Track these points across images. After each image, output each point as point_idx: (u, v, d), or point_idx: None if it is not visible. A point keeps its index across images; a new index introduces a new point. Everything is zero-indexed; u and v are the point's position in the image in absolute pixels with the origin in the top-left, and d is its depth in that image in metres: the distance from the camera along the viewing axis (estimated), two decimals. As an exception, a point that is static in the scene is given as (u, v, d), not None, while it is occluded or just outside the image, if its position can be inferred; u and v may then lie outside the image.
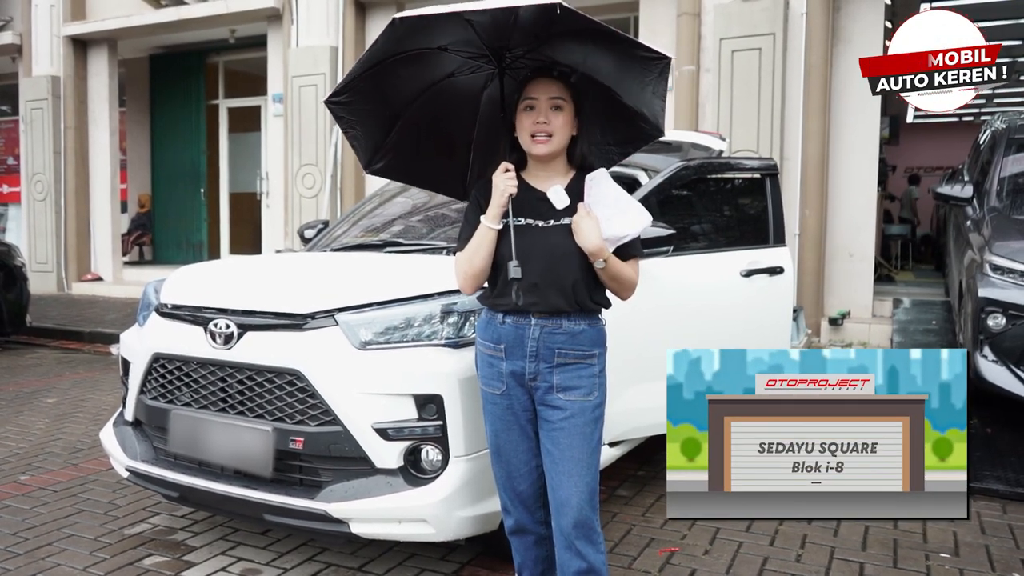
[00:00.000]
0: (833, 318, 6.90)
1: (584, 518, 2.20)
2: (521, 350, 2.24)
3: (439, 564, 2.98)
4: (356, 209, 4.28)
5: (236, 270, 3.41)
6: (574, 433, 2.21)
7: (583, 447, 2.22)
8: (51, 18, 11.03)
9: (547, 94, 2.23)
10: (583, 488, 2.20)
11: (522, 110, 2.26)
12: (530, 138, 2.24)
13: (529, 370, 2.24)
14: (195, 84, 12.15)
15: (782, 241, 3.83)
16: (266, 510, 2.65)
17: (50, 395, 5.73)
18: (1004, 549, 3.16)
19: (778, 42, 6.90)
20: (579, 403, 2.22)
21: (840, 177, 7.06)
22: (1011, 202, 5.14)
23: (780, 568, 2.98)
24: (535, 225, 2.23)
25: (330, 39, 8.99)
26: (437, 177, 2.66)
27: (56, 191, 11.08)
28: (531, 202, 2.26)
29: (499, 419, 2.32)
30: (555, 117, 2.22)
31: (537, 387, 2.25)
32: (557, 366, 2.22)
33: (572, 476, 2.20)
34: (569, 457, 2.21)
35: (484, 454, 2.57)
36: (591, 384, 2.24)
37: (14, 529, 3.30)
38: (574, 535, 2.19)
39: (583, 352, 2.24)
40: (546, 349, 2.22)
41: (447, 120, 2.50)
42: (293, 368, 2.61)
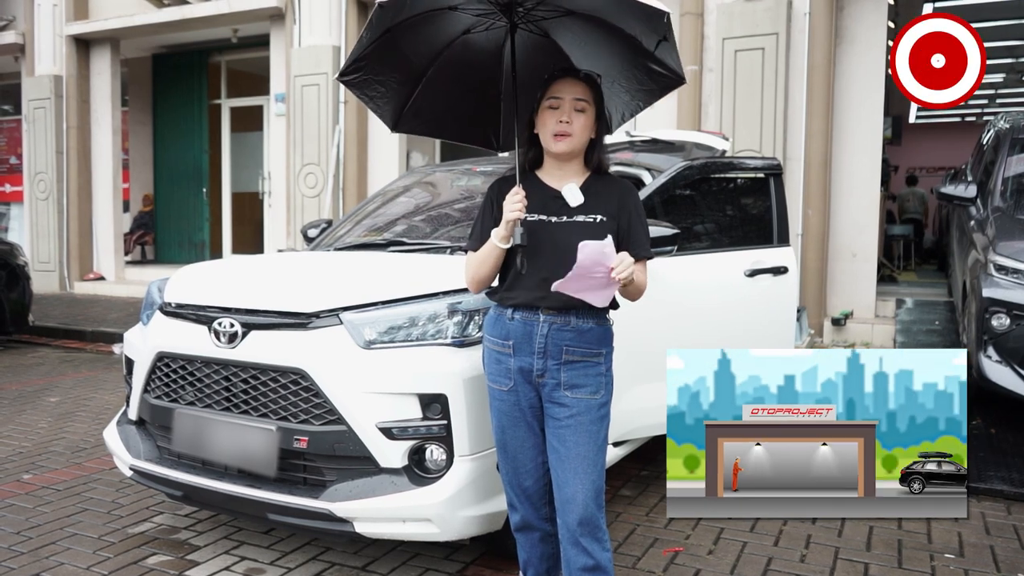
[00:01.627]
0: (836, 318, 6.90)
1: (589, 515, 2.21)
2: (529, 346, 2.25)
3: (443, 564, 2.98)
4: (359, 208, 4.28)
5: (240, 269, 3.41)
6: (580, 431, 2.23)
7: (589, 445, 2.23)
8: (54, 17, 11.04)
9: (572, 94, 2.25)
10: (588, 486, 2.21)
11: (545, 108, 2.28)
12: (551, 136, 2.26)
13: (537, 366, 2.25)
14: (197, 83, 12.16)
15: (786, 241, 3.83)
16: (270, 509, 2.65)
17: (53, 394, 5.73)
18: (1009, 550, 3.15)
19: (781, 42, 6.90)
20: (585, 401, 2.24)
21: (843, 177, 7.05)
22: (1015, 202, 5.13)
23: (784, 568, 2.97)
24: (547, 221, 2.25)
25: (332, 39, 9.00)
26: (467, 129, 2.69)
27: (58, 190, 11.08)
28: (544, 199, 2.27)
29: (506, 415, 2.33)
30: (577, 118, 2.26)
31: (544, 384, 2.26)
32: (565, 363, 2.24)
33: (578, 474, 2.21)
34: (575, 455, 2.22)
35: (489, 453, 2.57)
36: (597, 382, 2.26)
37: (18, 528, 3.30)
38: (579, 532, 2.21)
39: (590, 350, 2.26)
40: (554, 346, 2.23)
41: (471, 75, 2.52)
42: (297, 367, 2.61)
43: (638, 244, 2.29)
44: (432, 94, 2.55)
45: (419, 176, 4.42)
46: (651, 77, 2.38)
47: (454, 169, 4.31)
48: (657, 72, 2.37)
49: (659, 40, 2.24)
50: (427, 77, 2.49)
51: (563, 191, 2.27)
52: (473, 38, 2.44)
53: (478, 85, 2.56)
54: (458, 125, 2.69)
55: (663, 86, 2.42)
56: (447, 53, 2.45)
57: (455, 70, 2.49)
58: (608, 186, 2.33)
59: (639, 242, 2.29)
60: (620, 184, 2.38)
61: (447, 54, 2.46)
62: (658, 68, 2.36)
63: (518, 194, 2.20)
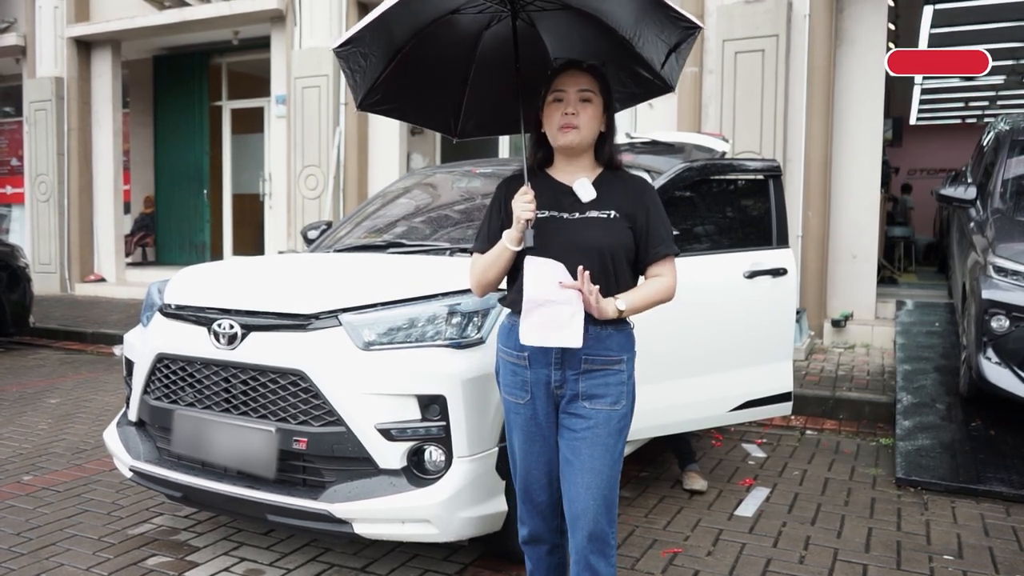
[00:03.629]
0: (836, 320, 6.89)
1: (599, 531, 2.11)
2: (546, 357, 2.14)
3: (442, 565, 2.98)
4: (359, 210, 4.28)
5: (240, 271, 3.41)
6: (596, 444, 2.11)
7: (604, 458, 2.11)
8: (55, 19, 11.05)
9: (576, 86, 2.17)
10: (600, 501, 2.10)
11: (550, 102, 2.19)
12: (557, 129, 2.17)
13: (555, 378, 2.14)
14: (198, 85, 12.17)
15: (785, 242, 3.83)
16: (269, 510, 2.65)
17: (53, 395, 5.74)
18: (1008, 551, 3.15)
19: (781, 43, 6.90)
20: (605, 412, 2.13)
21: (843, 179, 7.05)
22: (1015, 204, 5.13)
23: (783, 570, 2.97)
24: (558, 217, 2.16)
25: (333, 40, 8.93)
26: (427, 112, 2.64)
27: (59, 192, 11.09)
28: (556, 195, 2.19)
29: (523, 430, 2.22)
30: (583, 109, 2.16)
31: (563, 395, 2.15)
32: (584, 372, 2.12)
33: (590, 489, 2.10)
34: (589, 468, 2.10)
35: (488, 455, 2.58)
36: (618, 392, 2.15)
37: (18, 529, 3.31)
38: (588, 549, 2.10)
39: (611, 357, 2.14)
40: (572, 355, 2.12)
41: (443, 55, 2.43)
42: (297, 368, 2.61)
43: (660, 241, 2.18)
44: (400, 71, 2.44)
45: (419, 178, 4.43)
46: (635, 81, 2.37)
47: (454, 171, 4.32)
48: (643, 76, 2.35)
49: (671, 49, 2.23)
50: (401, 53, 2.37)
51: (574, 186, 2.17)
52: (457, 19, 2.34)
53: (448, 69, 2.48)
54: (418, 106, 2.60)
55: (647, 91, 2.41)
56: (427, 30, 2.35)
57: (429, 50, 2.40)
58: (623, 182, 2.23)
59: (661, 239, 2.18)
60: (636, 180, 2.28)
61: (426, 31, 2.35)
62: (645, 73, 2.35)
63: (528, 193, 2.09)
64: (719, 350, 3.61)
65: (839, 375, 5.74)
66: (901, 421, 4.50)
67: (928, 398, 4.83)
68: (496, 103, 2.54)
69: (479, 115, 2.61)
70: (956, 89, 13.10)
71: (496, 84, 2.50)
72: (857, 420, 5.06)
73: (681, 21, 2.17)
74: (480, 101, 2.57)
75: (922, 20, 8.88)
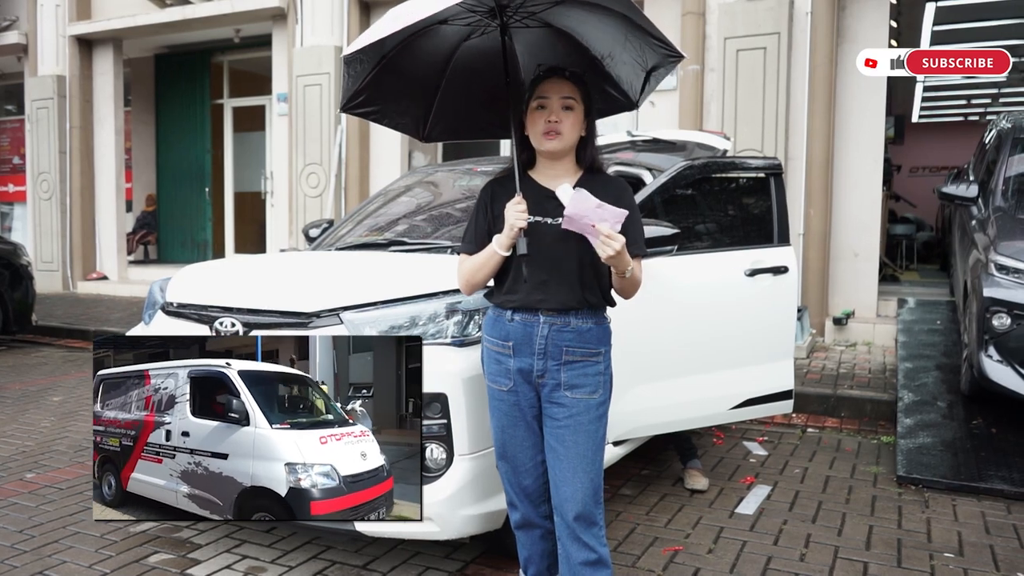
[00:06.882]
0: (838, 318, 6.89)
1: (587, 512, 2.23)
2: (530, 347, 2.27)
3: (443, 562, 2.99)
4: (360, 208, 4.29)
5: (241, 269, 3.42)
6: (579, 430, 2.24)
7: (587, 444, 2.25)
8: (56, 18, 11.06)
9: (559, 93, 2.27)
10: (587, 484, 2.24)
11: (534, 108, 2.29)
12: (541, 135, 2.27)
13: (537, 367, 2.27)
14: (200, 83, 12.18)
15: (786, 240, 3.82)
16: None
17: (56, 393, 5.75)
18: (1008, 549, 3.15)
19: (783, 41, 6.89)
20: (584, 401, 2.26)
21: (845, 176, 7.05)
22: (1016, 202, 5.12)
23: (784, 567, 2.98)
24: (544, 222, 2.26)
25: (335, 39, 9.00)
26: (400, 114, 2.73)
27: (61, 190, 11.11)
28: (539, 200, 2.28)
29: (505, 415, 2.35)
30: (566, 116, 2.27)
31: (544, 384, 2.28)
32: (565, 363, 2.26)
33: (577, 473, 2.23)
34: (574, 454, 2.24)
35: (488, 452, 2.58)
36: (596, 382, 2.28)
37: (21, 526, 3.32)
38: (578, 528, 2.23)
39: (590, 350, 2.27)
40: (554, 347, 2.25)
41: (423, 62, 2.54)
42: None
43: (632, 241, 2.27)
44: (451, 101, 2.63)
45: (421, 176, 4.43)
46: (602, 97, 2.50)
47: (455, 169, 4.32)
48: (609, 94, 2.52)
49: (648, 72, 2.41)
50: (386, 59, 2.45)
51: (557, 191, 2.26)
52: (443, 29, 2.44)
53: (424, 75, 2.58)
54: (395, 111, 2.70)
55: (611, 107, 2.56)
56: (412, 38, 2.42)
57: (411, 57, 2.49)
58: (603, 184, 2.32)
59: (633, 239, 2.28)
60: (614, 182, 2.39)
61: (412, 39, 2.42)
62: (612, 91, 2.51)
63: (521, 203, 2.20)
64: (720, 348, 3.61)
65: (840, 373, 5.74)
66: (902, 419, 4.51)
67: (929, 396, 4.83)
68: (464, 110, 2.67)
69: (446, 120, 2.71)
70: (959, 87, 13.08)
71: (465, 92, 2.61)
72: (858, 418, 5.06)
73: (663, 48, 2.31)
74: (448, 108, 2.66)
75: (924, 17, 8.86)
